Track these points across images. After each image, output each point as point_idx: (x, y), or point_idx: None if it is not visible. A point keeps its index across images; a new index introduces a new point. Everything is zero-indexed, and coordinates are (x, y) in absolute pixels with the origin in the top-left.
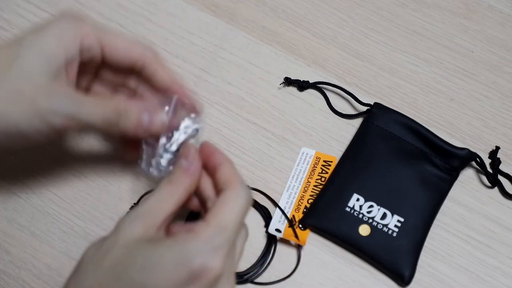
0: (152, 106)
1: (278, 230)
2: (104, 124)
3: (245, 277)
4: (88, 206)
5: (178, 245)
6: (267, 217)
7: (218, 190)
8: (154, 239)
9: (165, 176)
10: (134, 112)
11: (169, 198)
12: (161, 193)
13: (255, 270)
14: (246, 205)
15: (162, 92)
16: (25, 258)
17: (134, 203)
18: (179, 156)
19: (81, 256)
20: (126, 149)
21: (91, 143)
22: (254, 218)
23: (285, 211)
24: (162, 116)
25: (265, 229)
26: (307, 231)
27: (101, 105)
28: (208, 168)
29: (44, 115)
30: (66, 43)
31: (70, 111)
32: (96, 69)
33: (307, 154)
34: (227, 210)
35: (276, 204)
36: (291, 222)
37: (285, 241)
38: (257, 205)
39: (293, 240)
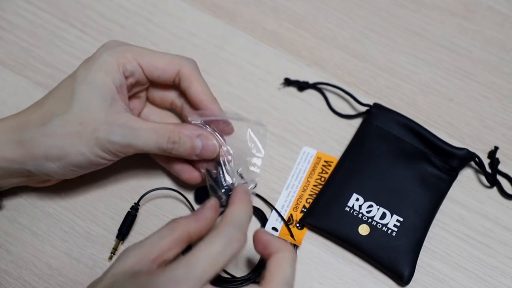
0: (205, 133)
1: (275, 229)
2: (159, 150)
3: (249, 281)
4: (89, 205)
5: (149, 279)
6: (262, 219)
7: None
8: (142, 271)
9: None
10: (188, 139)
11: (168, 235)
12: (164, 228)
13: (258, 273)
14: (223, 252)
15: (195, 106)
16: (26, 258)
17: (135, 203)
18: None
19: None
20: (183, 173)
21: None
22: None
23: (283, 210)
24: (214, 142)
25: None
26: (304, 230)
27: (156, 133)
28: None
29: (104, 144)
30: (111, 73)
31: (127, 141)
32: (147, 90)
33: (308, 153)
34: (200, 251)
35: (272, 207)
36: (287, 223)
37: None
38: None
39: (289, 240)
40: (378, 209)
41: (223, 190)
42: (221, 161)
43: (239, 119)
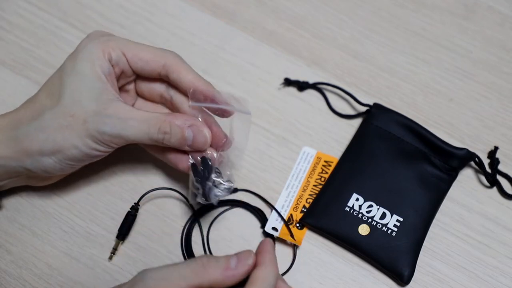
0: (196, 123)
1: (275, 229)
2: (150, 141)
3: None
4: (89, 206)
5: None
6: (262, 218)
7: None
8: None
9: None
10: (179, 130)
11: (191, 278)
12: (188, 268)
13: None
14: None
15: (190, 94)
16: (26, 258)
17: (135, 203)
18: (238, 252)
19: None
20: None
21: None
22: (249, 220)
23: (283, 210)
24: (205, 133)
25: (262, 230)
26: (304, 230)
27: (146, 124)
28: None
29: (95, 135)
30: (98, 61)
31: (117, 131)
32: (133, 83)
33: (308, 153)
34: None
35: (272, 207)
36: (287, 223)
37: (283, 241)
38: (250, 207)
39: (289, 240)
40: (378, 209)
41: (205, 188)
42: (206, 157)
43: (231, 108)
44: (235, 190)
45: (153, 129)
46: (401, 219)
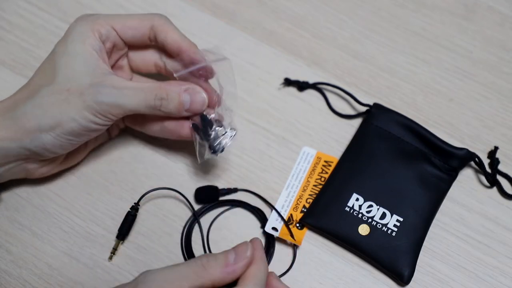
0: (191, 86)
1: (275, 229)
2: (148, 109)
3: None
4: (89, 205)
5: None
6: (262, 218)
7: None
8: None
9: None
10: (175, 95)
11: (193, 279)
12: (189, 269)
13: None
14: None
15: (176, 55)
16: (26, 258)
17: (135, 203)
18: (235, 246)
19: None
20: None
21: None
22: (250, 219)
23: (283, 210)
24: (202, 95)
25: (261, 230)
26: (304, 230)
27: (142, 91)
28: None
29: (92, 106)
30: (88, 40)
31: (114, 100)
32: (125, 58)
33: (308, 153)
34: None
35: (272, 207)
36: (287, 223)
37: (283, 241)
38: (250, 207)
39: (289, 240)
40: (378, 209)
41: (210, 140)
42: (204, 114)
43: (213, 63)
44: (235, 190)
45: (149, 96)
46: (401, 219)
